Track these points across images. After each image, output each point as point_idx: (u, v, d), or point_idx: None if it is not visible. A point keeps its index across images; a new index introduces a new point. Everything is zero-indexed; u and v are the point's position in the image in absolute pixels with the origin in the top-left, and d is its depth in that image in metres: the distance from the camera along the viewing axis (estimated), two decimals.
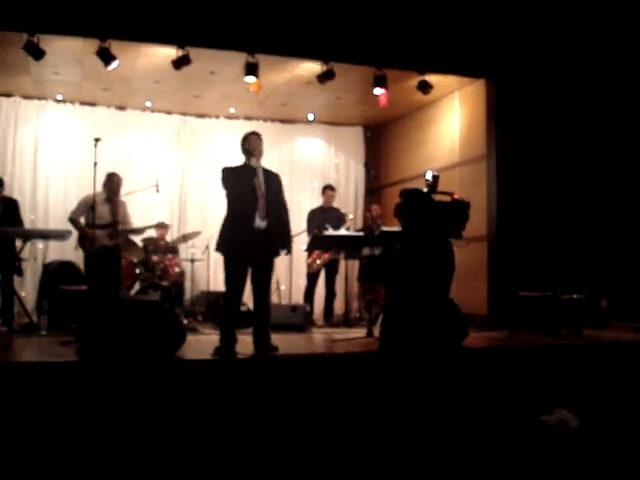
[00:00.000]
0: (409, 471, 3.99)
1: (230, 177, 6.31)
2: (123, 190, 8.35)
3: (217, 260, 9.90)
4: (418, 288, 4.10)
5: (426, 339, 4.08)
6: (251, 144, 6.40)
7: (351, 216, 9.95)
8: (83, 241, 7.99)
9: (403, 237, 4.32)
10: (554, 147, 9.13)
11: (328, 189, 9.99)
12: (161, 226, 9.49)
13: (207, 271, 9.98)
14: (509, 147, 8.98)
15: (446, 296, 4.24)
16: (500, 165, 8.96)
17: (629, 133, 9.40)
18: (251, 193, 6.23)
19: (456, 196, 4.94)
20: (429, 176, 5.54)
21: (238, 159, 6.62)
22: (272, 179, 6.49)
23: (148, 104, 10.76)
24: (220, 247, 6.38)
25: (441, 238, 4.30)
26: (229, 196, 6.34)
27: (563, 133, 9.20)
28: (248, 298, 7.12)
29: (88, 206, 7.80)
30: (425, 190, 4.84)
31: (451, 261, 4.23)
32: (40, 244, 9.64)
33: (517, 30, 8.94)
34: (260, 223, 6.25)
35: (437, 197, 4.93)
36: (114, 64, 7.90)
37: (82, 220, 8.02)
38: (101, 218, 7.96)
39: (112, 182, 8.22)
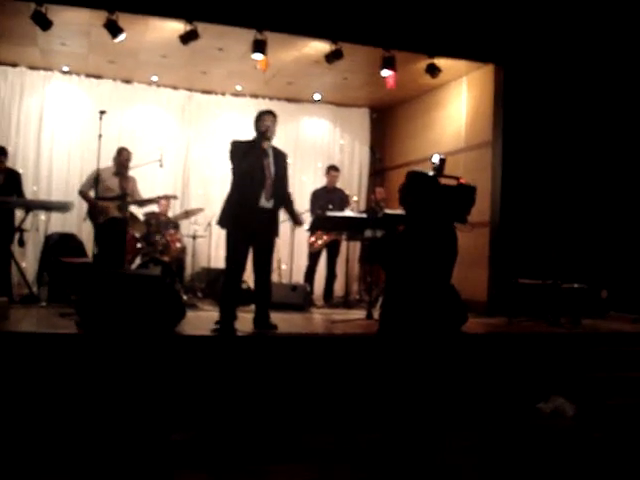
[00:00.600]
0: (406, 453, 4.01)
1: (239, 152, 6.25)
2: None
3: (218, 237, 9.95)
4: (420, 272, 4.09)
5: (426, 323, 4.07)
6: (265, 124, 6.33)
7: (355, 198, 9.93)
8: (92, 213, 8.03)
9: (407, 219, 4.29)
10: (560, 135, 9.10)
11: (332, 169, 9.96)
12: (168, 197, 9.37)
13: (208, 248, 9.99)
14: (515, 134, 8.94)
15: (448, 281, 4.22)
16: (505, 151, 8.93)
17: (635, 123, 9.36)
18: (260, 172, 6.22)
19: (462, 180, 4.91)
20: (436, 159, 5.51)
21: (243, 137, 6.58)
22: (280, 158, 6.48)
23: (154, 78, 10.72)
24: (223, 222, 6.36)
25: (445, 222, 4.28)
26: (235, 171, 6.28)
27: (569, 121, 9.16)
28: (248, 276, 7.11)
29: (95, 179, 7.83)
30: (431, 173, 4.81)
31: (454, 246, 4.21)
32: (42, 215, 9.62)
33: (527, 16, 8.87)
34: (265, 203, 6.24)
35: (443, 181, 4.90)
36: (121, 37, 7.86)
37: (92, 193, 8.04)
38: (110, 190, 8.01)
39: (121, 156, 8.31)
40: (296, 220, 6.93)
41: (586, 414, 5.97)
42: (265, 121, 6.35)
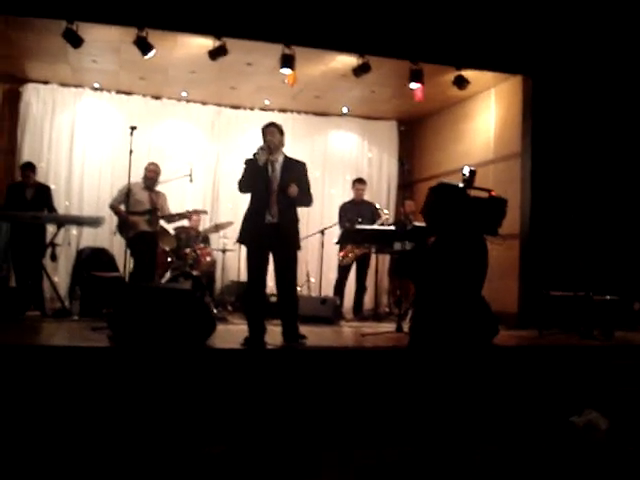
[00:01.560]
0: (435, 467, 3.98)
1: (247, 170, 6.33)
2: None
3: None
4: (451, 284, 4.08)
5: (457, 335, 4.06)
6: (265, 136, 6.38)
7: (386, 211, 9.91)
8: (122, 227, 8.11)
9: (438, 232, 4.28)
10: (590, 146, 9.02)
11: (357, 182, 9.96)
12: (198, 212, 9.40)
13: (238, 261, 10.00)
14: (544, 145, 8.89)
15: (478, 293, 4.20)
16: (535, 163, 8.88)
17: None
18: (264, 188, 6.22)
19: (493, 193, 4.87)
20: (466, 171, 5.48)
21: None
22: (293, 168, 6.42)
23: (184, 94, 10.82)
24: (240, 239, 6.44)
25: (476, 235, 4.26)
26: (242, 189, 6.37)
27: (599, 132, 9.08)
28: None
29: (126, 194, 7.91)
30: (461, 185, 4.78)
31: (485, 258, 4.20)
32: (74, 230, 9.74)
33: (555, 27, 8.83)
34: (270, 219, 6.21)
35: (474, 193, 4.87)
36: (151, 53, 7.95)
37: (122, 207, 8.13)
38: (140, 204, 8.09)
39: (148, 171, 8.35)
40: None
41: (619, 428, 5.89)
42: (264, 133, 6.40)
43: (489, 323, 4.24)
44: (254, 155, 6.28)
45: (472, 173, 5.39)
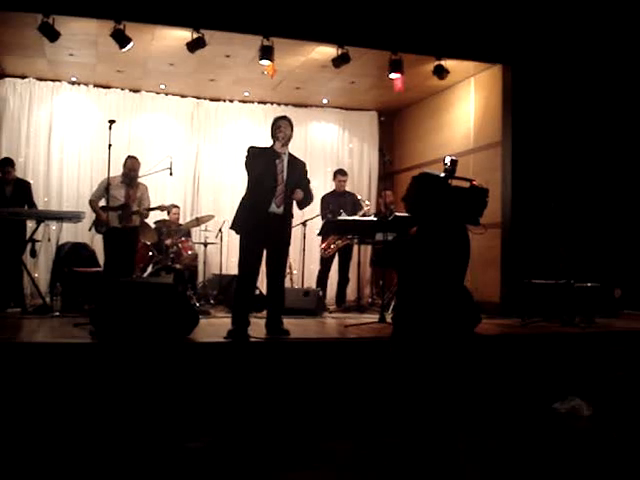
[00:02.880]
0: (422, 457, 3.99)
1: (254, 158, 6.28)
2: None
3: (230, 243, 9.99)
4: (433, 274, 4.08)
5: (439, 325, 4.06)
6: (277, 128, 6.35)
7: (367, 202, 9.91)
8: (96, 223, 8.06)
9: (419, 222, 4.28)
10: (569, 135, 9.06)
11: (339, 174, 9.93)
12: (165, 208, 9.30)
13: (220, 255, 9.99)
14: (524, 134, 8.92)
15: (461, 283, 4.20)
16: (515, 152, 8.90)
17: None
18: (271, 178, 6.21)
19: (475, 182, 4.88)
20: (447, 160, 5.49)
21: (251, 143, 6.59)
22: (297, 166, 6.47)
23: (162, 87, 10.77)
24: (236, 226, 6.36)
25: (458, 224, 4.26)
26: (250, 176, 6.31)
27: (579, 120, 9.12)
28: (260, 282, 7.11)
29: (105, 188, 7.85)
30: (442, 175, 4.78)
31: (467, 248, 4.19)
32: (54, 225, 9.65)
33: (534, 16, 8.85)
34: (276, 209, 6.21)
35: (455, 182, 4.87)
36: (129, 46, 7.89)
37: (102, 202, 8.06)
38: (115, 200, 8.02)
39: (126, 165, 8.26)
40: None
41: (602, 414, 5.94)
42: (277, 125, 6.37)
43: (471, 312, 4.23)
44: (274, 139, 6.30)
45: (453, 163, 5.38)
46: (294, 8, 8.10)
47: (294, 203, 6.41)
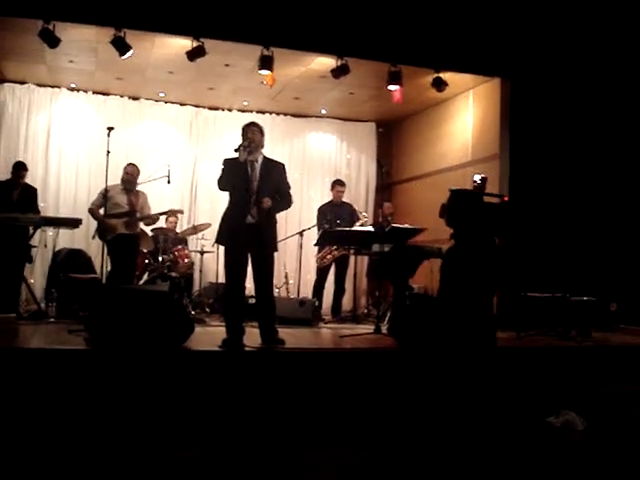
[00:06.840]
0: (410, 469, 3.98)
1: (226, 169, 6.29)
2: None
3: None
4: (469, 289, 4.08)
5: (467, 340, 4.05)
6: (246, 135, 6.34)
7: (365, 214, 9.91)
8: (101, 231, 8.03)
9: (454, 237, 4.30)
10: (567, 148, 9.08)
11: (337, 184, 9.92)
12: (175, 212, 9.33)
13: (216, 263, 9.95)
14: (522, 147, 8.93)
15: (490, 301, 4.21)
16: (513, 165, 8.92)
17: None
18: (244, 189, 6.18)
19: (506, 198, 4.95)
20: (477, 178, 5.54)
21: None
22: (273, 169, 6.40)
23: (161, 95, 10.78)
24: (218, 239, 6.41)
25: (489, 239, 4.28)
26: (221, 189, 6.32)
27: (577, 134, 9.14)
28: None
29: (104, 196, 7.84)
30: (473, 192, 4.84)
31: (499, 260, 4.20)
32: (50, 231, 9.64)
33: (533, 29, 8.88)
34: (250, 219, 6.17)
35: (486, 199, 4.93)
36: (128, 54, 7.90)
37: (101, 211, 8.04)
38: (119, 207, 8.02)
39: (126, 172, 8.25)
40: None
41: (596, 428, 5.93)
42: (247, 134, 6.35)
43: (492, 332, 4.24)
44: (235, 150, 6.22)
45: (483, 180, 5.44)
46: (294, 19, 8.12)
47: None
